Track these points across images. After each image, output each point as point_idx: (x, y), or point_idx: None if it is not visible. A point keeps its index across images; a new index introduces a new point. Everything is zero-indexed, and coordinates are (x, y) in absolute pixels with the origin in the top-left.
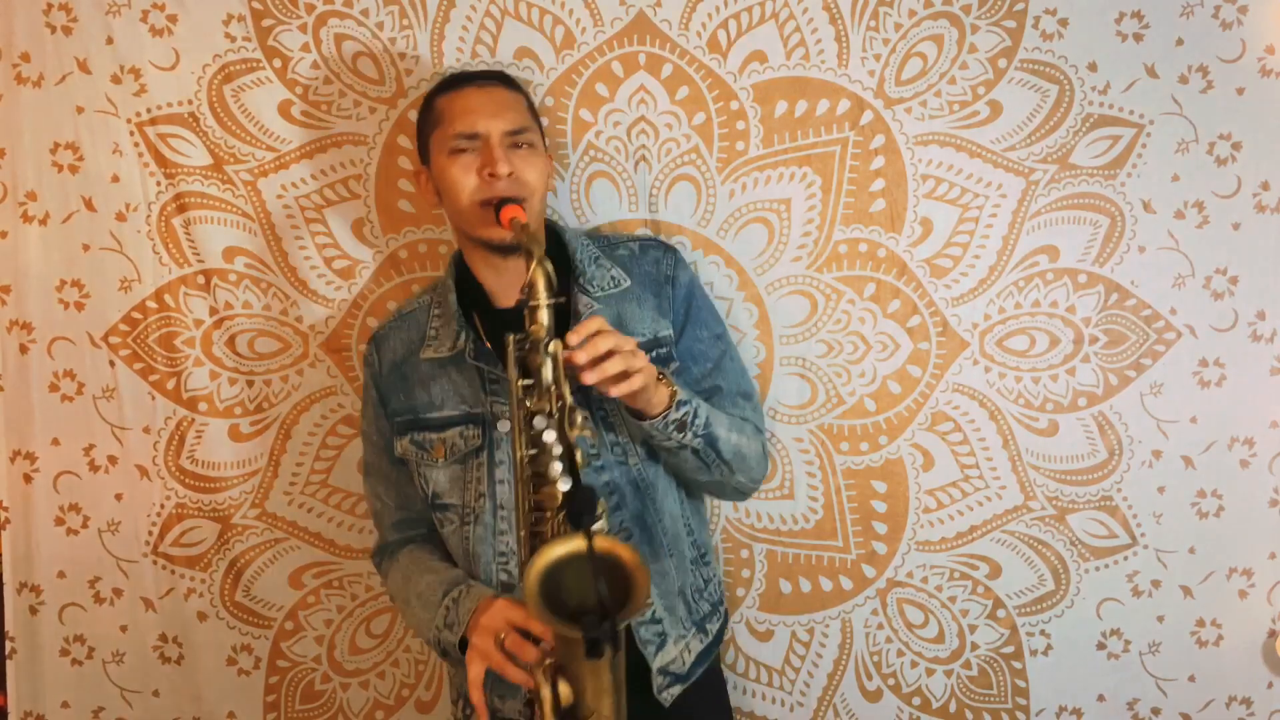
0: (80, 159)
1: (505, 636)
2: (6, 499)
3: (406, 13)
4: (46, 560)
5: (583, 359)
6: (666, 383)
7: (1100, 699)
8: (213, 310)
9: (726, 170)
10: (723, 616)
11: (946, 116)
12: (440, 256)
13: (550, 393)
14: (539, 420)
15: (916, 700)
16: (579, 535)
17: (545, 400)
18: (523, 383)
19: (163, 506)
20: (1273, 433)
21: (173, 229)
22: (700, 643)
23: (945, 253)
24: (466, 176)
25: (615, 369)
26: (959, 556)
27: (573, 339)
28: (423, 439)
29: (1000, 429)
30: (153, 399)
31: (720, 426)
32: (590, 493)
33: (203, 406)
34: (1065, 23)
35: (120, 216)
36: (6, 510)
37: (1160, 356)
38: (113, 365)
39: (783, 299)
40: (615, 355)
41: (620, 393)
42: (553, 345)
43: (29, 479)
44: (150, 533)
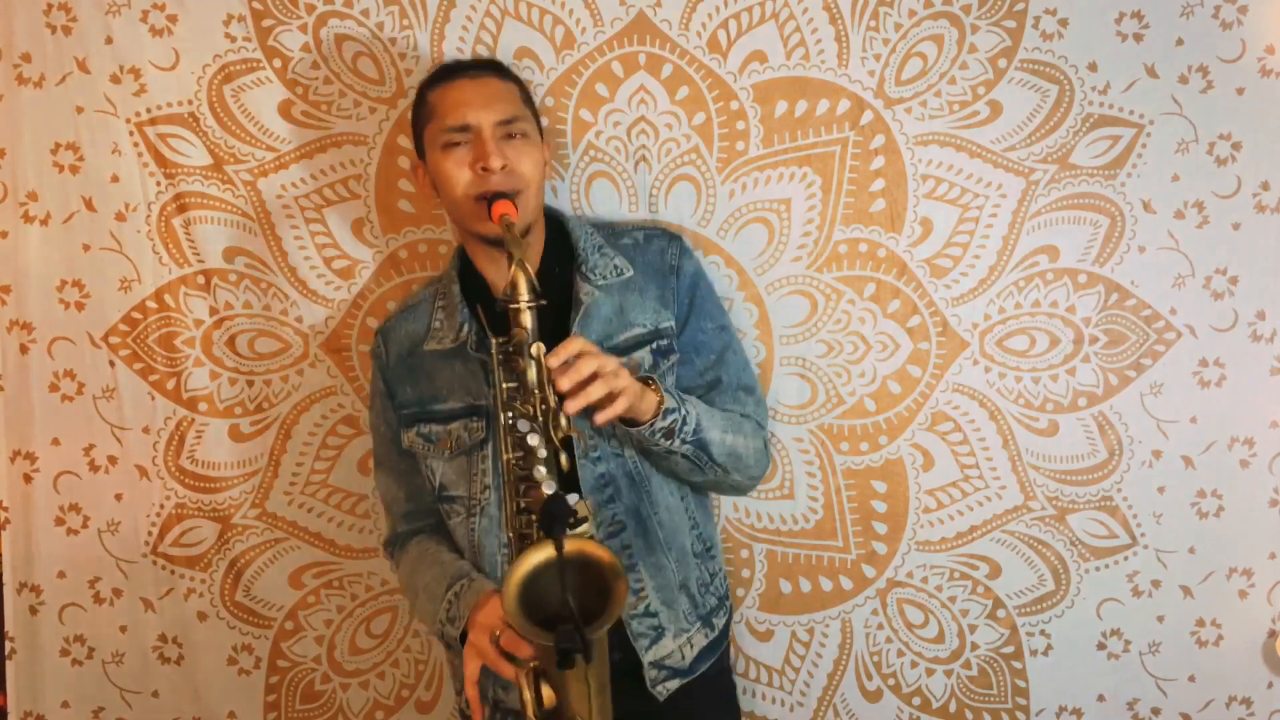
0: (80, 159)
1: (501, 634)
2: (6, 499)
3: (406, 13)
4: (46, 560)
5: (566, 385)
6: (655, 390)
7: (1100, 699)
8: (213, 310)
9: (726, 170)
10: (728, 612)
11: (946, 116)
12: (440, 256)
13: (535, 396)
14: (522, 424)
15: (916, 700)
16: (563, 541)
17: (529, 403)
18: (507, 386)
19: (163, 506)
20: (1273, 433)
21: (173, 229)
22: (705, 637)
23: (945, 253)
24: (460, 171)
25: (599, 394)
26: (959, 556)
27: (554, 361)
28: (429, 431)
29: (1000, 429)
30: (153, 399)
31: (713, 429)
32: (563, 502)
33: (203, 406)
34: (1065, 23)
35: (120, 216)
36: (6, 510)
37: (1160, 356)
38: (113, 365)
39: (783, 299)
40: (599, 379)
41: (604, 420)
42: (535, 348)
43: (29, 479)
44: (150, 533)
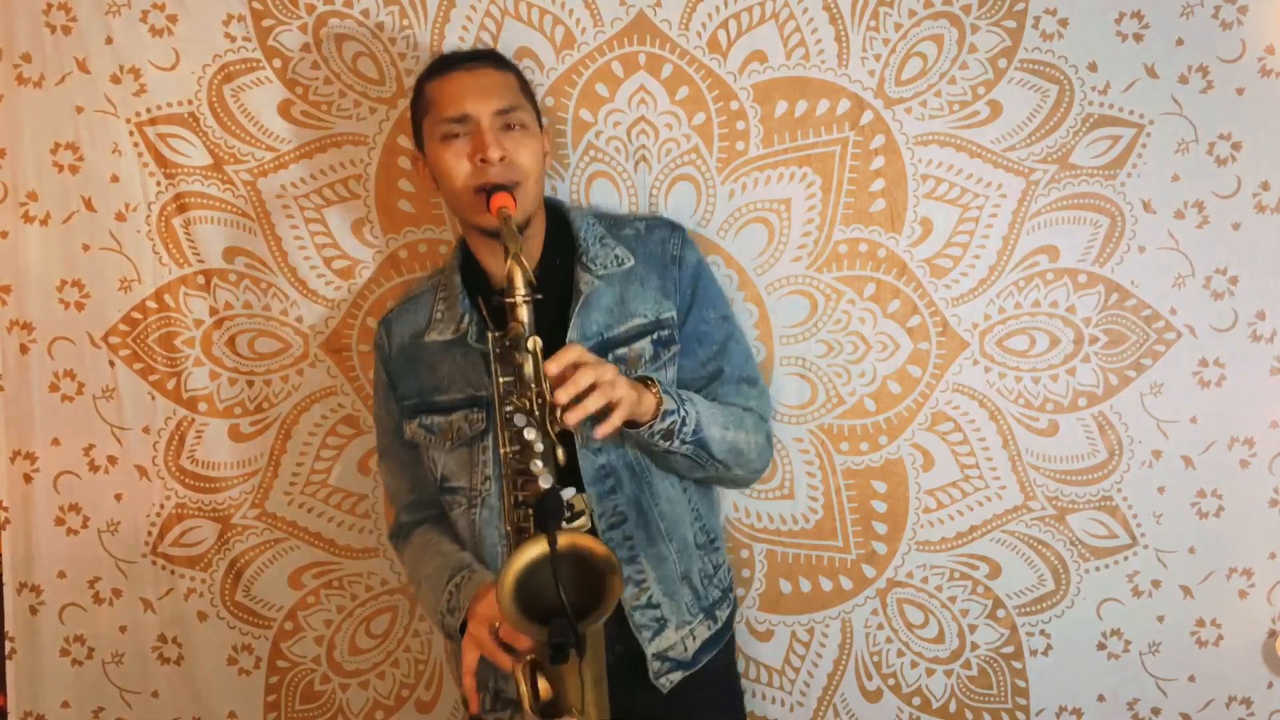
0: (80, 159)
1: (499, 625)
2: (6, 499)
3: (406, 13)
4: (46, 560)
5: (564, 399)
6: (654, 391)
7: (1100, 699)
8: (213, 310)
9: (726, 170)
10: (733, 604)
11: (946, 116)
12: (440, 256)
13: (531, 390)
14: (519, 418)
15: (916, 700)
16: (556, 537)
17: (526, 397)
18: (504, 380)
19: (162, 507)
20: (1273, 433)
21: (173, 229)
22: (707, 629)
23: (945, 253)
24: (459, 163)
25: (596, 405)
26: (959, 556)
27: (551, 369)
28: (430, 422)
29: (1000, 429)
30: (153, 399)
31: (714, 426)
32: (556, 498)
33: (203, 406)
34: (1065, 23)
35: (120, 216)
36: (6, 510)
37: (1160, 356)
38: (113, 365)
39: (783, 299)
40: (596, 389)
41: (602, 434)
42: (532, 342)
43: (29, 479)
44: (150, 533)
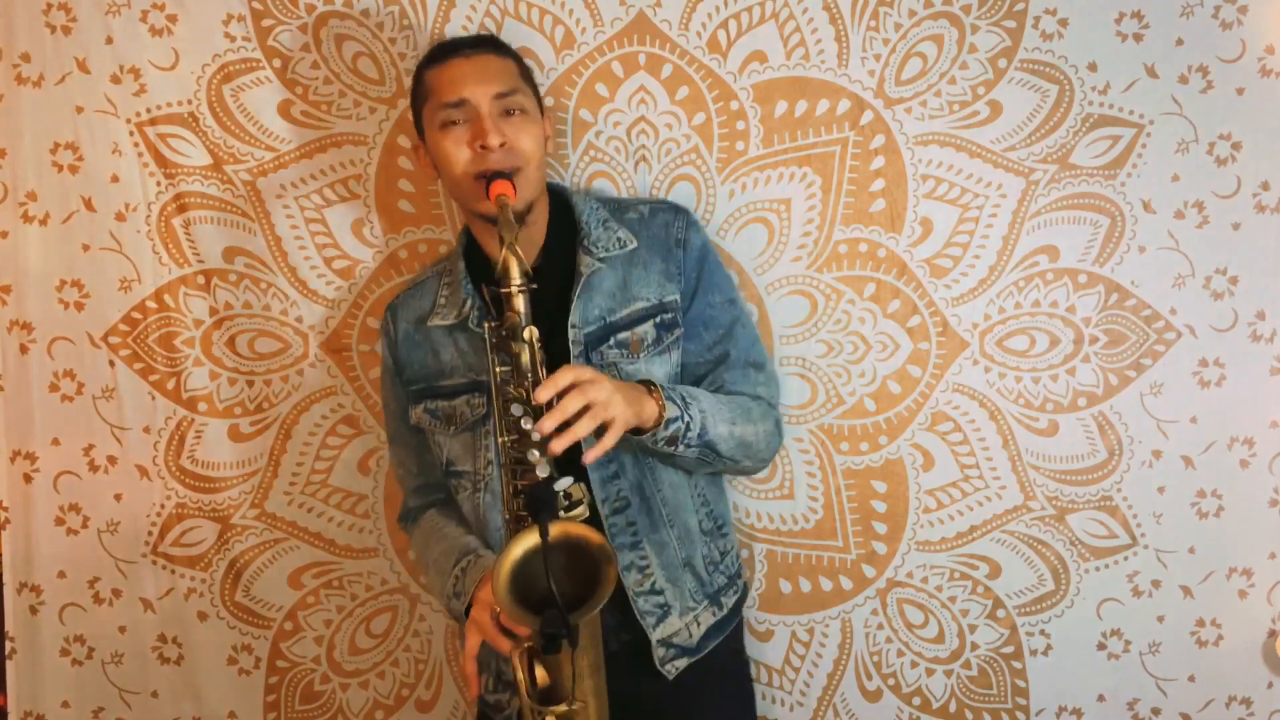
0: (80, 159)
1: (500, 611)
2: (6, 499)
3: (406, 13)
4: (46, 560)
5: (548, 427)
6: (656, 397)
7: (1100, 699)
8: (213, 310)
9: (726, 170)
10: (740, 590)
11: (946, 116)
12: (440, 256)
13: (528, 379)
14: (516, 407)
15: (916, 700)
16: (553, 528)
17: (523, 387)
18: (501, 370)
19: (162, 507)
20: (1273, 433)
21: (172, 229)
22: (712, 616)
23: (945, 253)
24: (459, 150)
25: (585, 431)
26: (959, 556)
27: (541, 395)
28: (435, 407)
29: (1000, 429)
30: (152, 399)
31: (720, 424)
32: (548, 488)
33: (202, 406)
34: (1065, 23)
35: (120, 216)
36: (6, 510)
37: (1160, 356)
38: (113, 365)
39: (783, 299)
40: (587, 413)
41: (591, 458)
42: (528, 332)
43: (29, 479)
44: (150, 533)
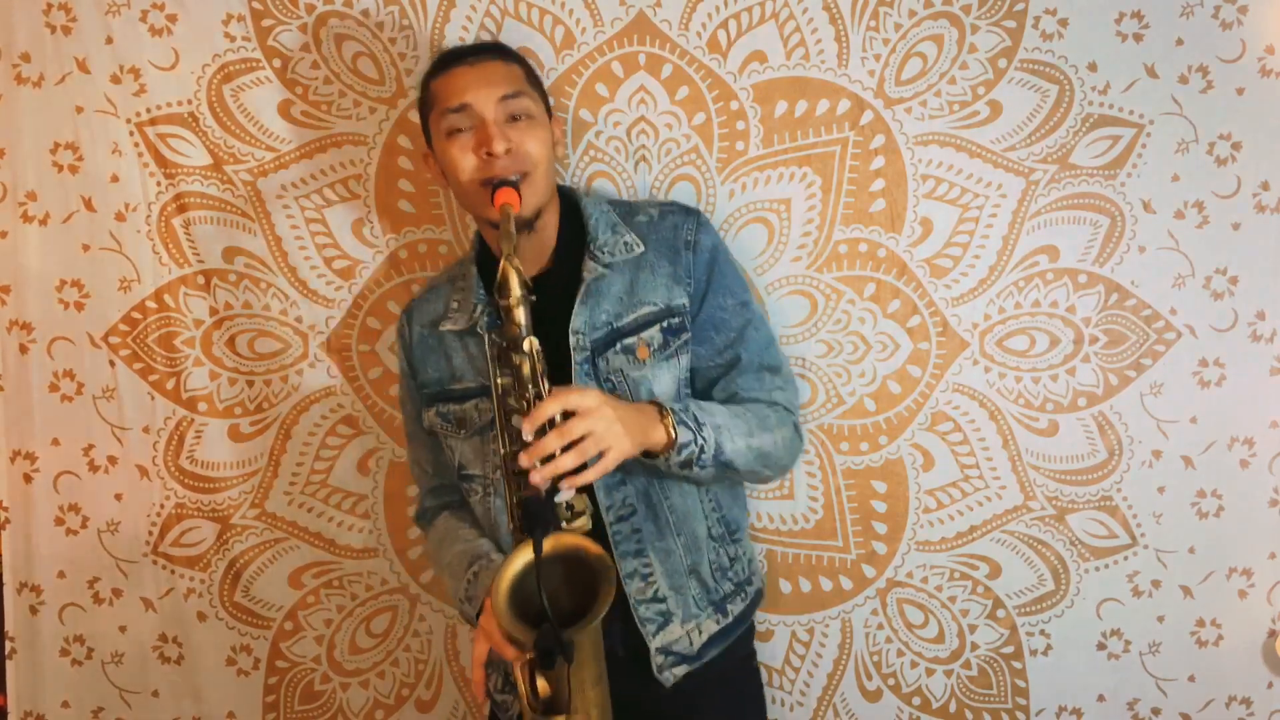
0: (80, 159)
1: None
2: (6, 499)
3: (406, 13)
4: (46, 560)
5: (525, 462)
6: (667, 421)
7: (1100, 699)
8: (212, 310)
9: (726, 170)
10: (750, 598)
11: (946, 116)
12: (440, 256)
13: (529, 391)
14: (517, 419)
15: (916, 700)
16: (550, 540)
17: (524, 398)
18: (503, 380)
19: (162, 506)
20: (1273, 433)
21: (172, 229)
22: (716, 624)
23: (945, 253)
24: (465, 157)
25: (570, 464)
26: (959, 556)
27: (526, 428)
28: (447, 411)
29: (1000, 429)
30: (152, 399)
31: (737, 439)
32: (542, 503)
33: (202, 406)
34: (1065, 23)
35: (120, 216)
36: (6, 510)
37: (1160, 356)
38: (112, 365)
39: (783, 299)
40: (576, 447)
41: (566, 487)
42: (528, 343)
43: (29, 479)
44: (150, 533)
